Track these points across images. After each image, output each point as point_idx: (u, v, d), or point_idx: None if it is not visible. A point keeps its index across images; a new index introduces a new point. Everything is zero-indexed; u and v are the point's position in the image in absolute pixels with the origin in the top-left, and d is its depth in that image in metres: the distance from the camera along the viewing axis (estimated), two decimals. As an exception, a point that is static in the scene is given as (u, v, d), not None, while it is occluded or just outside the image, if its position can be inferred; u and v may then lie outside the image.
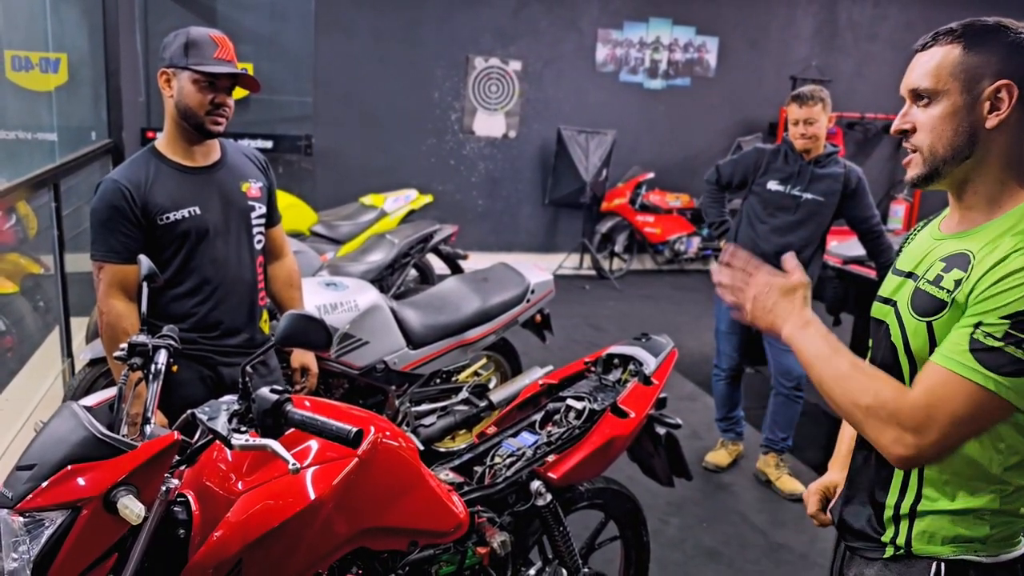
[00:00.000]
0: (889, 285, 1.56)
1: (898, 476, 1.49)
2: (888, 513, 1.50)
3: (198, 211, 2.33)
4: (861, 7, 9.11)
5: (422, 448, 2.65)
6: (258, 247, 2.51)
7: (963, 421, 1.29)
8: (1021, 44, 1.36)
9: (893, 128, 1.48)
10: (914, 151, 1.44)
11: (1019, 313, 1.26)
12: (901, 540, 1.47)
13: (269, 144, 6.93)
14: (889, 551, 1.49)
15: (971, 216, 1.44)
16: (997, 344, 1.26)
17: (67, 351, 4.39)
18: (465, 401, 3.09)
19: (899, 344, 1.47)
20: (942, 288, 1.38)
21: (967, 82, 1.36)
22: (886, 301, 1.54)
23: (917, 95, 1.42)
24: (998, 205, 1.41)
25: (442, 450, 2.53)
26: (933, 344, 1.40)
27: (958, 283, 1.35)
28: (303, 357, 2.74)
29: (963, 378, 1.28)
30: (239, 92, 2.40)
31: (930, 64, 1.40)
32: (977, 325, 1.28)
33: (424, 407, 3.57)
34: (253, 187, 2.48)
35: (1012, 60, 1.35)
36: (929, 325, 1.40)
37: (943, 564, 1.44)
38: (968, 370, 1.28)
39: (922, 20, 9.15)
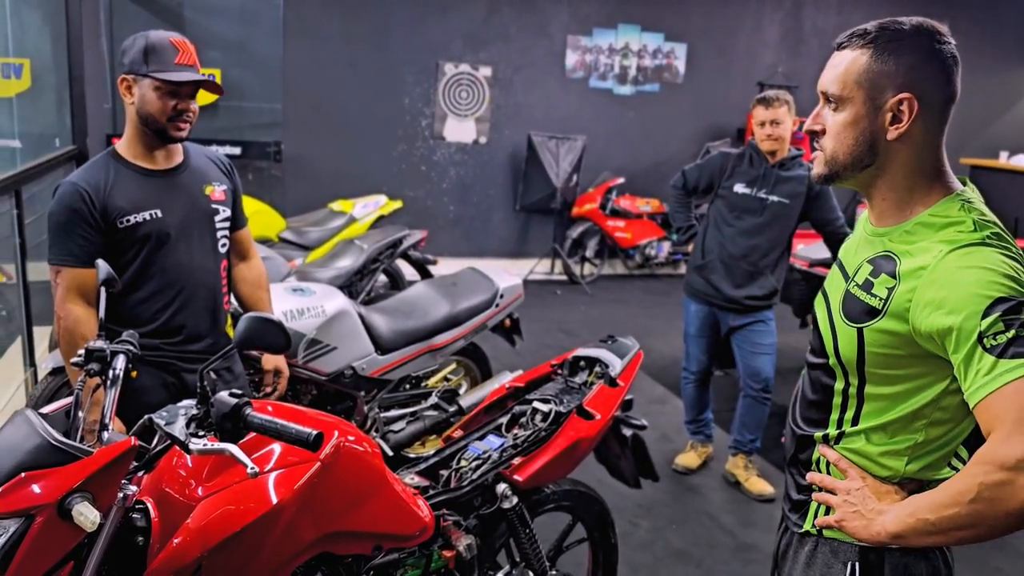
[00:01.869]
0: (831, 278, 1.58)
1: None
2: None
3: (159, 214, 2.30)
4: (825, 15, 9.22)
5: (391, 454, 2.65)
6: (222, 251, 2.48)
7: None
8: (931, 54, 1.35)
9: (804, 128, 1.48)
10: (820, 151, 1.45)
11: (993, 303, 1.24)
12: None
13: (238, 151, 6.88)
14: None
15: (884, 216, 1.45)
16: (1008, 335, 1.23)
17: (30, 360, 4.32)
18: (434, 406, 3.09)
19: (829, 344, 1.49)
20: (874, 295, 1.39)
21: (870, 91, 1.36)
22: (824, 295, 1.56)
23: (827, 97, 1.42)
24: (909, 207, 1.41)
25: (412, 455, 2.52)
26: (861, 349, 1.41)
27: (891, 290, 1.36)
28: (275, 360, 2.72)
29: (1014, 382, 1.22)
30: (204, 97, 2.38)
31: (839, 69, 1.39)
32: (980, 338, 1.24)
33: (393, 413, 3.55)
34: (217, 190, 2.46)
35: (916, 72, 1.34)
36: (860, 331, 1.41)
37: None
38: (1010, 373, 1.22)
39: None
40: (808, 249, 5.03)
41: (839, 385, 1.50)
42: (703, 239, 4.06)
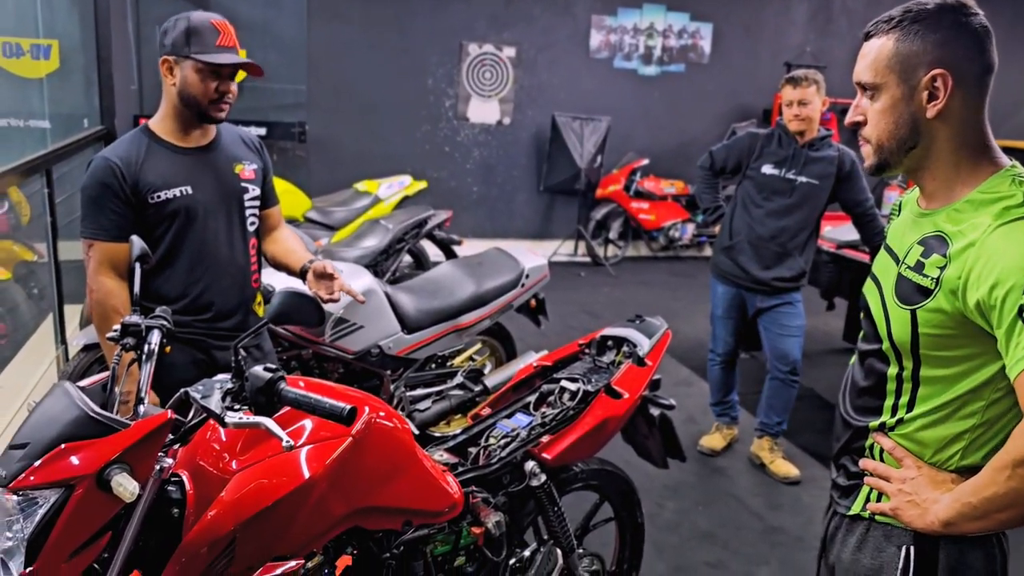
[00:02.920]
0: (879, 263, 1.56)
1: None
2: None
3: (189, 191, 2.32)
4: (856, -7, 9.10)
5: (417, 432, 2.66)
6: (251, 229, 2.49)
7: None
8: (959, 28, 1.34)
9: (847, 121, 1.47)
10: (867, 142, 1.44)
11: None
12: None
13: (263, 131, 6.90)
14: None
15: (936, 196, 1.44)
16: None
17: (61, 338, 4.38)
18: (460, 386, 3.10)
19: (882, 328, 1.47)
20: (925, 276, 1.37)
21: (903, 73, 1.36)
22: (875, 279, 1.54)
23: (863, 87, 1.42)
24: (957, 186, 1.40)
25: (437, 435, 2.53)
26: (915, 331, 1.40)
27: (942, 269, 1.34)
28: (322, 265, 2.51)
29: None
30: (240, 76, 2.39)
31: (869, 57, 1.39)
32: (1020, 311, 1.23)
33: (419, 392, 3.56)
34: (247, 169, 2.47)
35: (946, 48, 1.33)
36: (913, 313, 1.40)
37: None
38: None
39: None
40: (836, 231, 4.98)
41: (893, 370, 1.48)
42: (731, 220, 4.03)
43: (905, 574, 1.47)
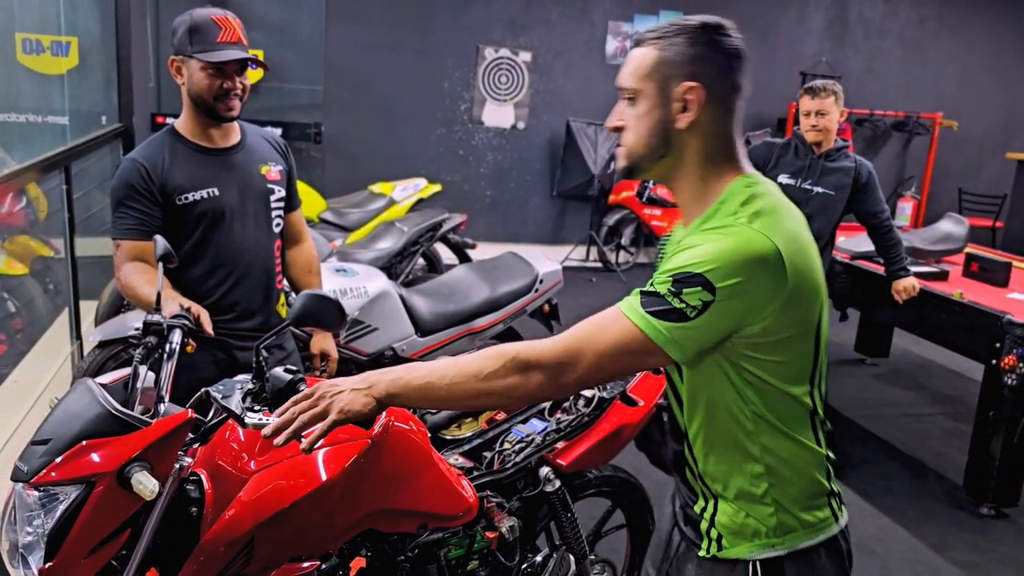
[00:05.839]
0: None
1: (694, 483, 1.50)
2: (703, 525, 1.49)
3: (216, 192, 2.33)
4: (873, 3, 9.07)
5: (429, 435, 2.66)
6: (276, 230, 2.50)
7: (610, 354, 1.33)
8: (714, 47, 1.38)
9: (607, 124, 1.49)
10: (622, 146, 1.46)
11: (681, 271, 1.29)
12: (713, 549, 1.47)
13: (278, 132, 6.90)
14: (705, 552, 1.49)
15: (688, 211, 1.46)
16: (661, 292, 1.30)
17: (76, 333, 4.40)
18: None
19: None
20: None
21: (660, 83, 1.38)
22: None
23: (625, 94, 1.44)
24: (704, 199, 1.42)
25: (448, 438, 2.54)
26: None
27: None
28: (323, 343, 2.69)
29: (624, 315, 1.33)
30: (257, 76, 2.40)
31: (632, 64, 1.42)
32: (651, 279, 1.33)
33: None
34: (273, 170, 2.48)
35: (701, 63, 1.37)
36: None
37: (757, 564, 1.43)
38: (630, 308, 1.33)
39: (934, 17, 9.11)
40: (850, 242, 4.96)
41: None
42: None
43: None
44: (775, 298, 1.29)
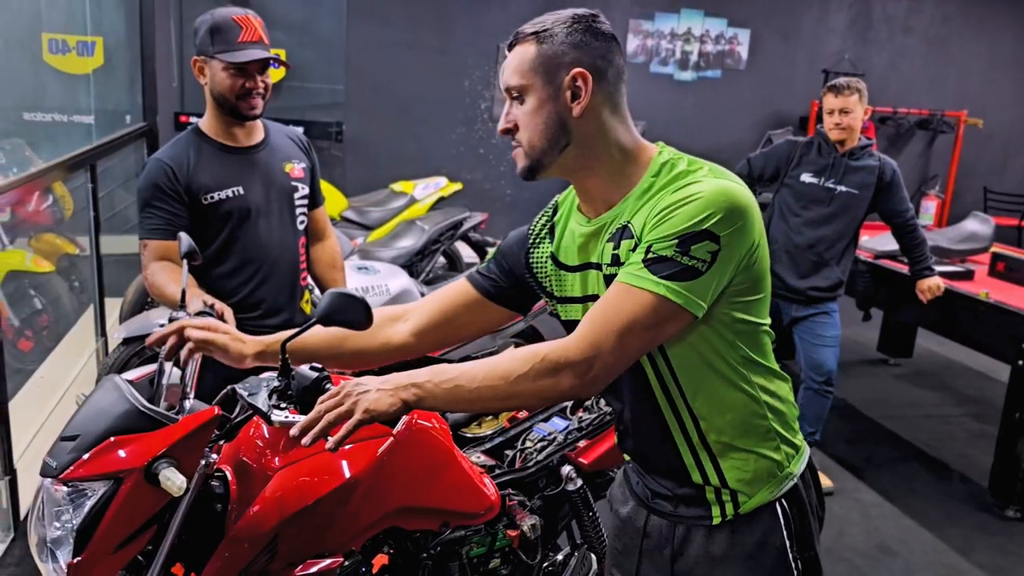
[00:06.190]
0: (574, 284, 1.53)
1: (686, 456, 1.47)
2: (709, 494, 1.48)
3: (241, 191, 2.35)
4: (896, 0, 8.99)
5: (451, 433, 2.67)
6: (301, 228, 2.52)
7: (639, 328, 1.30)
8: (591, 32, 1.39)
9: (499, 128, 1.48)
10: (519, 145, 1.45)
11: (683, 231, 1.28)
12: (730, 511, 1.47)
13: (300, 130, 6.95)
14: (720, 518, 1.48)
15: (606, 194, 1.45)
16: (668, 255, 1.28)
17: (101, 330, 4.45)
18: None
19: None
20: (623, 263, 1.37)
21: (546, 75, 1.38)
22: (584, 299, 1.51)
23: (511, 93, 1.43)
24: (626, 178, 1.42)
25: (470, 436, 2.54)
26: None
27: (633, 250, 1.35)
28: None
29: (636, 288, 1.30)
30: (279, 75, 2.42)
31: (514, 63, 1.42)
32: (648, 248, 1.30)
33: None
34: (296, 168, 2.49)
35: (583, 50, 1.38)
36: None
37: (783, 501, 1.47)
38: (640, 279, 1.29)
39: (958, 14, 9.01)
40: (874, 241, 4.92)
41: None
42: (767, 228, 3.99)
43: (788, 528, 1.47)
44: (760, 235, 1.36)
